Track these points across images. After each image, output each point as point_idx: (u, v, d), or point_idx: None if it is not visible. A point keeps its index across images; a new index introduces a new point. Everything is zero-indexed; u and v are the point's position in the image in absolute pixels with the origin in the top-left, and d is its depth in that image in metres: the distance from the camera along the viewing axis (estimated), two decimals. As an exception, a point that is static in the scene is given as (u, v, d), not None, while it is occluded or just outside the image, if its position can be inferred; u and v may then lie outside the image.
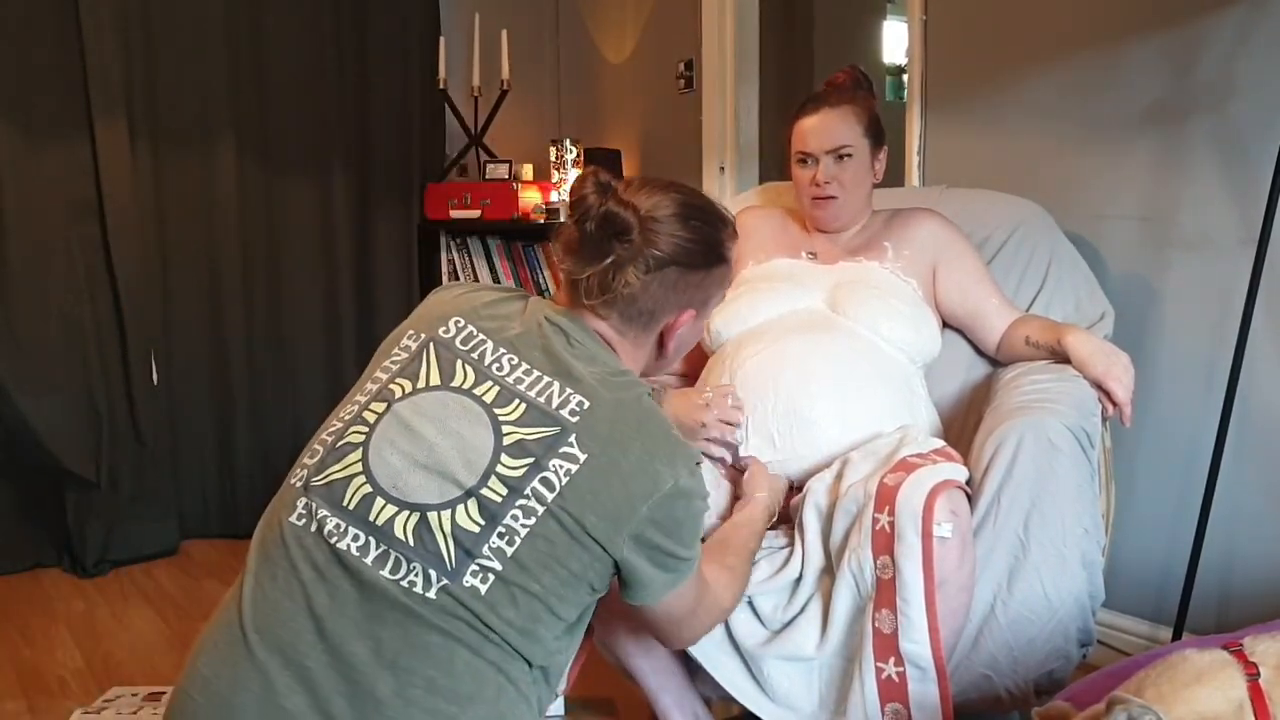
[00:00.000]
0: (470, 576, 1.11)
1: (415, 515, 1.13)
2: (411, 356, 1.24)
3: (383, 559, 1.11)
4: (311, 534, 1.14)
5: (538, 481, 1.13)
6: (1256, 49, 1.99)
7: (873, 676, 1.52)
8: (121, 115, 3.01)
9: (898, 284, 1.94)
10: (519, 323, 1.26)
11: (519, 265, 3.61)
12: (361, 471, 1.16)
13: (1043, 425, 1.61)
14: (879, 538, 1.53)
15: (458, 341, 1.24)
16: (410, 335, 1.27)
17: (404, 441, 1.17)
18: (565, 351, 1.23)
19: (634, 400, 1.21)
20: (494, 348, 1.23)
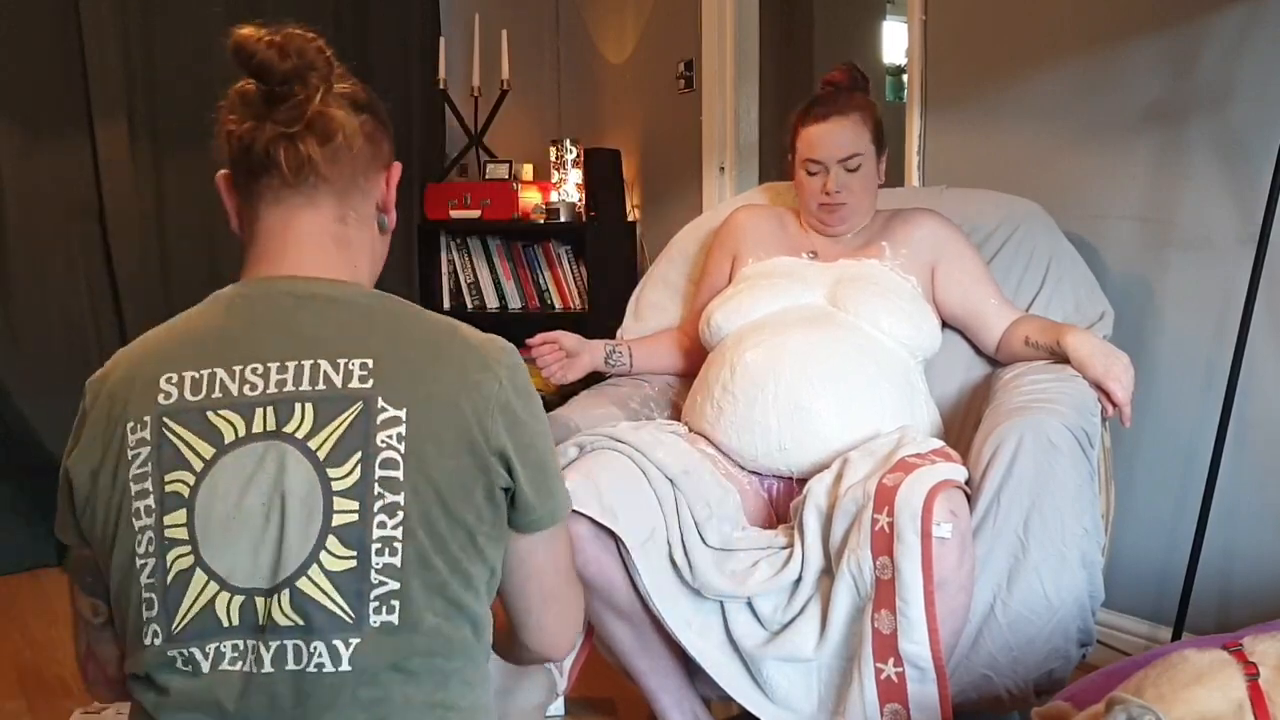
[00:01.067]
0: (374, 615, 0.97)
1: (286, 591, 0.96)
2: (154, 449, 1.01)
3: (282, 655, 0.96)
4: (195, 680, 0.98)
5: (379, 467, 0.99)
6: (1256, 49, 1.99)
7: (872, 677, 1.52)
8: (121, 115, 3.02)
9: (897, 280, 1.94)
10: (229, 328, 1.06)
11: (519, 265, 3.61)
12: (219, 589, 0.98)
13: (1042, 425, 1.61)
14: (878, 538, 1.53)
15: (186, 396, 1.01)
16: (131, 429, 1.01)
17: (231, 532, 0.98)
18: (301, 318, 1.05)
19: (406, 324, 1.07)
20: (228, 373, 1.02)
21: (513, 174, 3.56)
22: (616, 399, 2.04)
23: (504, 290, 3.61)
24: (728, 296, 2.00)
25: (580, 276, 3.54)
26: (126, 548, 1.00)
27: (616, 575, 1.65)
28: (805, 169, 1.98)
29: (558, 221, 3.46)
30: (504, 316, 3.55)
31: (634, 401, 2.05)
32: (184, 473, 0.99)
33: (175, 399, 1.01)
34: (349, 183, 1.13)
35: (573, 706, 2.03)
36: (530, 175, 3.65)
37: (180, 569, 0.98)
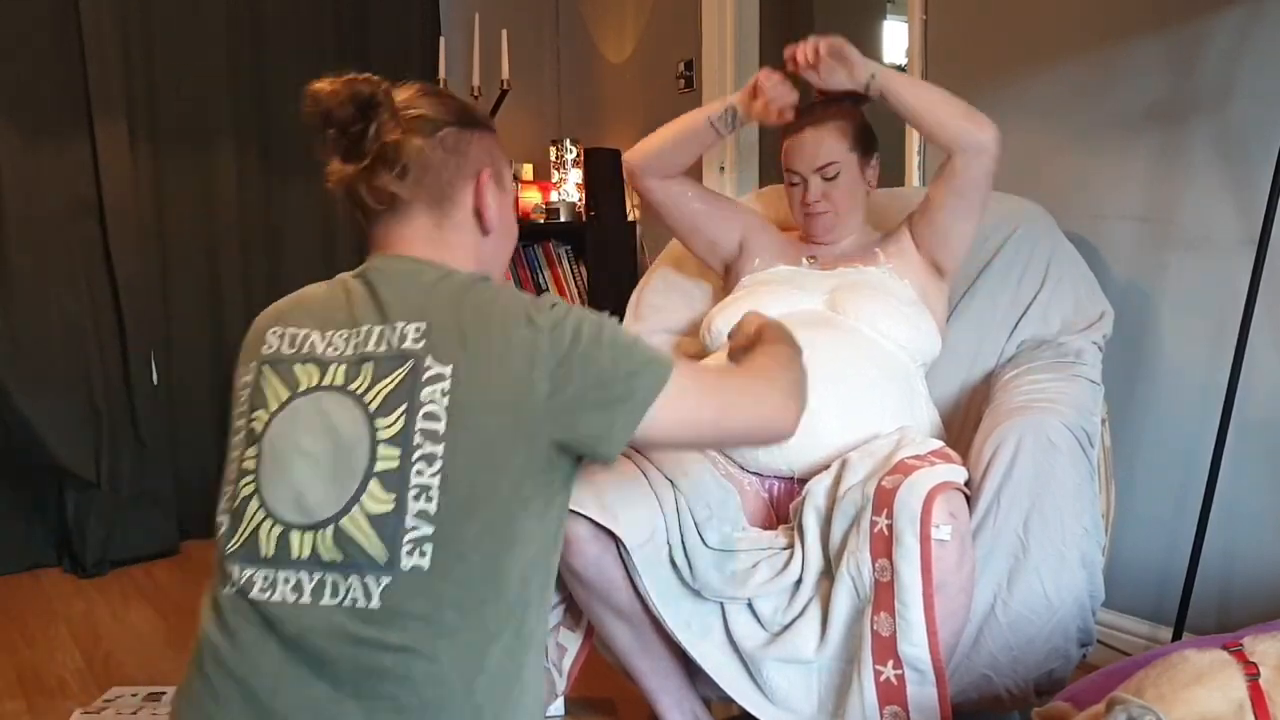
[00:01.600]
0: (406, 558, 1.05)
1: (330, 528, 1.07)
2: (253, 388, 1.19)
3: (319, 589, 1.07)
4: (245, 601, 1.10)
5: (421, 420, 1.08)
6: (1256, 49, 1.99)
7: (871, 679, 1.52)
8: (121, 115, 3.01)
9: (895, 285, 1.95)
10: (329, 297, 1.24)
11: (519, 265, 3.61)
12: (266, 517, 1.11)
13: (1042, 425, 1.61)
14: (877, 540, 1.53)
15: (284, 349, 1.19)
16: (243, 371, 1.22)
17: (288, 468, 1.12)
18: (381, 291, 1.19)
19: (463, 291, 1.17)
20: (321, 335, 1.19)
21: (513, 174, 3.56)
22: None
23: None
24: (727, 303, 2.00)
25: (580, 276, 3.54)
26: (228, 466, 1.20)
27: (617, 576, 1.65)
28: (788, 181, 2.01)
29: (558, 221, 3.46)
30: (504, 316, 3.54)
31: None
32: (262, 411, 1.16)
33: (274, 350, 1.20)
34: (436, 196, 1.25)
35: (573, 706, 2.03)
36: (530, 175, 3.65)
37: (245, 495, 1.14)
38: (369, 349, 1.14)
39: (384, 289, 1.19)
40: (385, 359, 1.13)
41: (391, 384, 1.11)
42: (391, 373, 1.11)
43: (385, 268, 1.22)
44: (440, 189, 1.24)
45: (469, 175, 1.26)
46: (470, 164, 1.26)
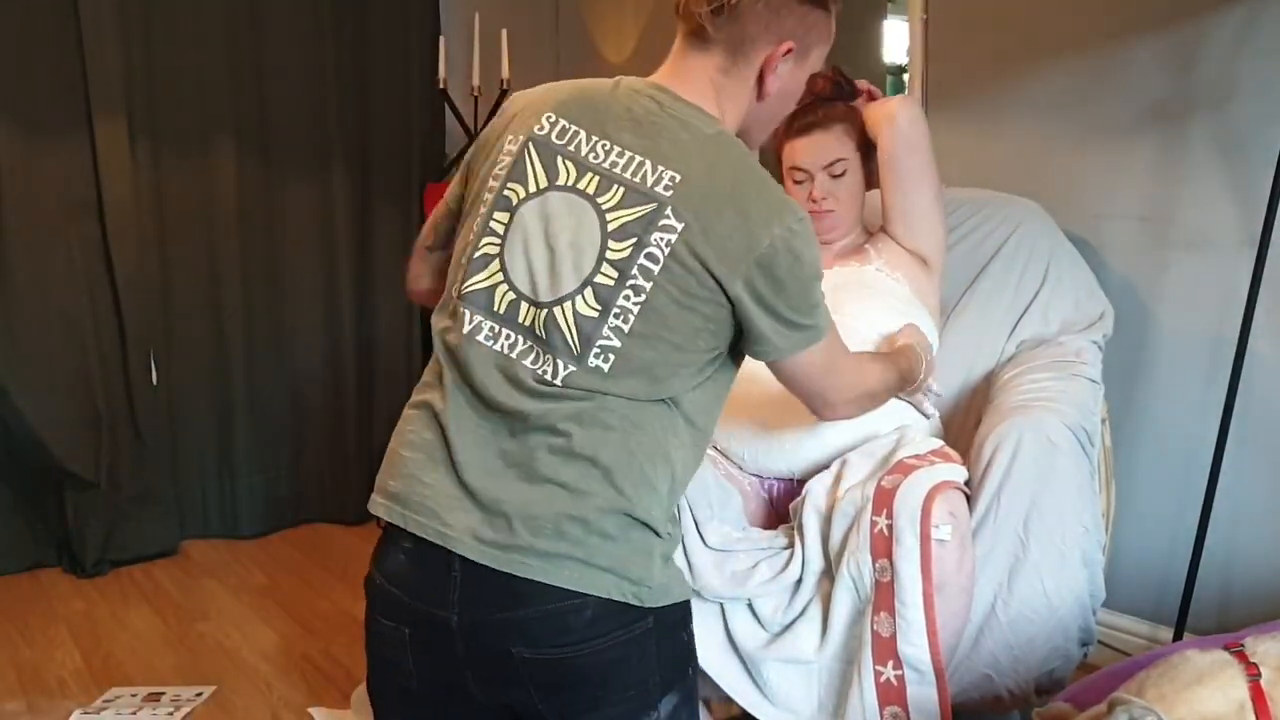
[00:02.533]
0: (593, 358, 1.19)
1: (544, 312, 1.21)
2: (515, 159, 1.28)
3: (527, 353, 1.21)
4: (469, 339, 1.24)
5: (643, 258, 1.20)
6: (1256, 49, 1.99)
7: (871, 679, 1.52)
8: (121, 115, 3.01)
9: (890, 283, 1.95)
10: (608, 105, 1.29)
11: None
12: (503, 280, 1.24)
13: (1042, 424, 1.61)
14: (877, 541, 1.53)
15: (553, 137, 1.28)
16: (509, 139, 1.31)
17: (530, 246, 1.24)
18: (657, 122, 1.26)
19: (727, 162, 1.25)
20: (587, 138, 1.27)
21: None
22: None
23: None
24: None
25: (580, 276, 3.53)
26: (468, 214, 1.31)
27: (616, 575, 1.65)
28: (792, 178, 2.00)
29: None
30: (504, 316, 3.54)
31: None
32: (519, 186, 1.26)
33: (545, 133, 1.28)
34: (738, 44, 1.28)
35: (573, 707, 2.02)
36: (530, 175, 3.64)
37: (485, 253, 1.26)
38: (626, 175, 1.23)
39: (661, 125, 1.25)
40: (635, 191, 1.22)
41: (632, 216, 1.21)
42: (636, 205, 1.21)
43: (667, 104, 1.27)
44: (743, 39, 1.27)
45: (773, 39, 1.28)
46: (782, 29, 1.28)
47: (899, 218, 1.97)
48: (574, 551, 1.16)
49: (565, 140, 1.27)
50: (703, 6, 1.26)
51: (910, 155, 1.93)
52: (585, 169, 1.25)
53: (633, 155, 1.24)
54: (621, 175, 1.24)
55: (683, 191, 1.21)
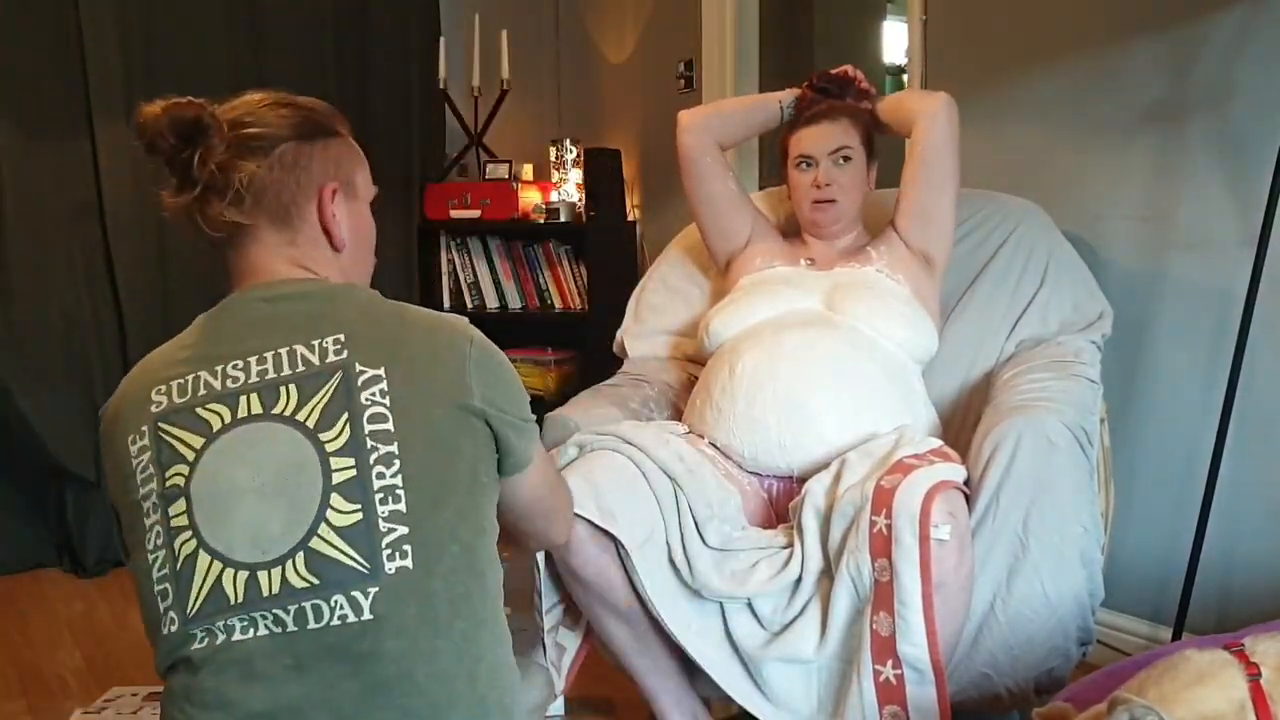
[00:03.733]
0: (389, 562, 1.01)
1: (299, 554, 1.01)
2: (153, 450, 1.07)
3: (302, 617, 1.00)
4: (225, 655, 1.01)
5: (366, 423, 1.04)
6: (1256, 49, 1.99)
7: (871, 679, 1.52)
8: (121, 115, 3.01)
9: (891, 284, 1.96)
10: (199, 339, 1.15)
11: (519, 265, 3.61)
12: (225, 566, 1.02)
13: (1041, 423, 1.61)
14: (876, 540, 1.53)
15: (175, 399, 1.08)
16: (131, 441, 1.09)
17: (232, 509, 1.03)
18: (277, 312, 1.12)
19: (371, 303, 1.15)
20: (211, 374, 1.09)
21: (513, 174, 3.56)
22: (616, 399, 2.04)
23: (504, 290, 3.61)
24: (725, 304, 2.01)
25: (580, 276, 3.54)
26: (142, 547, 1.06)
27: (615, 576, 1.65)
28: (796, 167, 2.01)
29: (558, 221, 3.46)
30: (504, 316, 3.55)
31: (634, 402, 2.05)
32: (180, 465, 1.05)
33: (165, 405, 1.08)
34: (280, 215, 1.16)
35: (572, 706, 2.03)
36: (530, 175, 3.65)
37: (186, 554, 1.03)
38: (283, 373, 1.07)
39: (279, 311, 1.12)
40: (308, 376, 1.06)
41: (325, 397, 1.05)
42: (321, 387, 1.06)
43: (268, 294, 1.14)
44: (282, 209, 1.16)
45: (311, 192, 1.18)
46: (313, 180, 1.18)
47: (918, 214, 1.98)
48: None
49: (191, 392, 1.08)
50: (221, 206, 1.14)
51: (947, 155, 1.96)
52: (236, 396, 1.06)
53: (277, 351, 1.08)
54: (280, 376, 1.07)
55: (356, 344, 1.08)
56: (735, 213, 2.13)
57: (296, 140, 1.17)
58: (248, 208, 1.14)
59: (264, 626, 1.01)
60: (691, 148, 2.11)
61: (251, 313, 1.14)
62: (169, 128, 1.14)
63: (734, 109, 2.27)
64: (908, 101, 2.07)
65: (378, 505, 1.03)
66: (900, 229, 2.00)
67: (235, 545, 1.02)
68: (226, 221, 1.15)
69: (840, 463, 1.67)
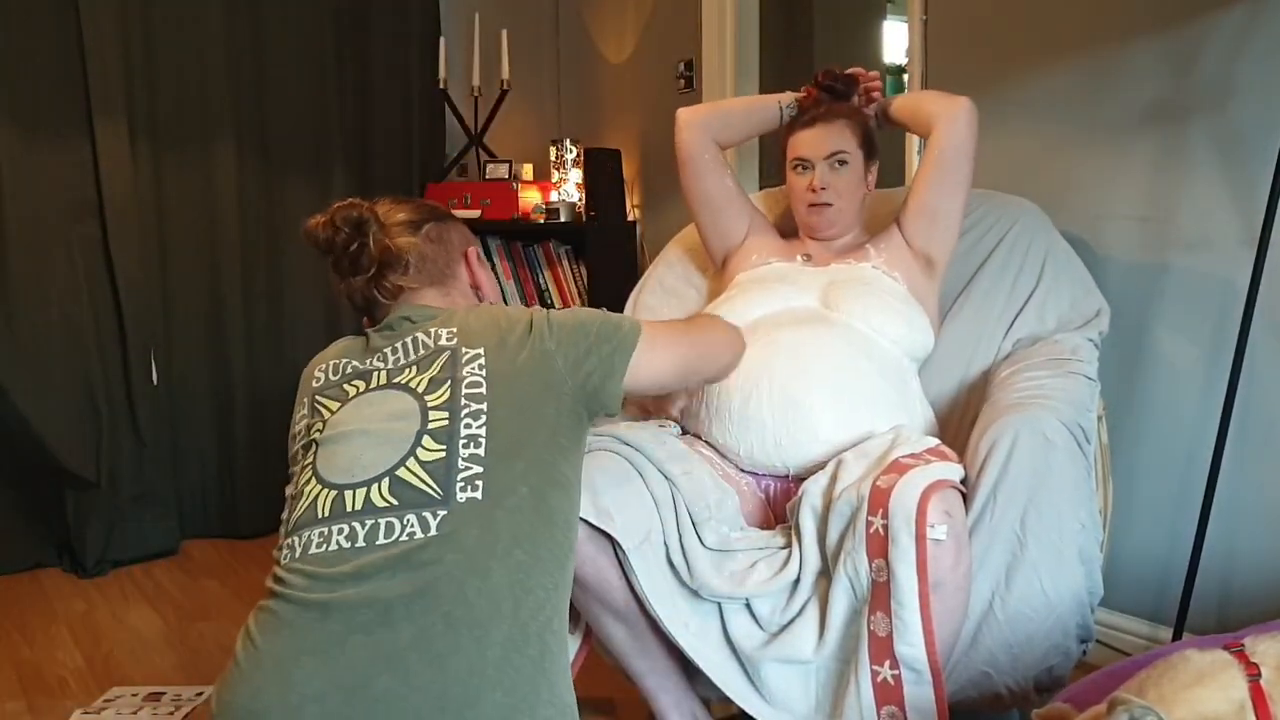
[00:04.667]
0: (460, 493, 1.21)
1: (385, 480, 1.22)
2: (308, 416, 1.40)
3: (374, 533, 1.19)
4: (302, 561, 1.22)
5: (465, 389, 1.29)
6: (1256, 49, 1.99)
7: (868, 679, 1.52)
8: (121, 115, 3.01)
9: (888, 281, 1.96)
10: (362, 339, 1.47)
11: (519, 265, 3.60)
12: (320, 488, 1.27)
13: (1038, 421, 1.61)
14: (873, 541, 1.52)
15: (330, 376, 1.42)
16: (297, 411, 1.45)
17: (341, 447, 1.29)
18: (409, 320, 1.44)
19: (479, 309, 1.47)
20: (360, 360, 1.41)
21: (513, 174, 3.56)
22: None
23: (504, 290, 3.61)
24: (721, 300, 2.01)
25: (580, 276, 3.54)
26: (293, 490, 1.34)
27: (613, 576, 1.65)
28: (794, 169, 2.02)
29: (558, 221, 3.46)
30: (504, 316, 3.54)
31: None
32: (319, 423, 1.36)
33: (322, 381, 1.43)
34: (439, 277, 1.51)
35: (572, 706, 2.02)
36: (530, 175, 3.65)
37: (304, 481, 1.30)
38: (409, 358, 1.36)
39: (410, 319, 1.44)
40: (424, 358, 1.35)
41: (435, 369, 1.32)
42: (433, 362, 1.33)
43: (408, 313, 1.45)
44: (440, 271, 1.50)
45: (458, 256, 1.54)
46: (457, 246, 1.54)
47: (927, 215, 1.98)
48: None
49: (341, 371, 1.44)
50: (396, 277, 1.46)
51: (964, 159, 1.96)
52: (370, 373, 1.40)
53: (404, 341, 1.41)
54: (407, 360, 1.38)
55: (464, 334, 1.38)
56: (732, 210, 2.13)
57: (435, 220, 1.53)
58: (413, 274, 1.47)
59: (335, 541, 1.20)
60: (690, 145, 2.12)
61: (400, 328, 1.44)
62: (343, 225, 1.44)
63: (734, 108, 2.27)
64: (927, 103, 2.05)
65: (460, 449, 1.24)
66: (905, 228, 2.00)
67: (335, 472, 1.26)
68: (398, 287, 1.46)
69: (836, 463, 1.67)
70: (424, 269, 1.48)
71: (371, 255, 1.43)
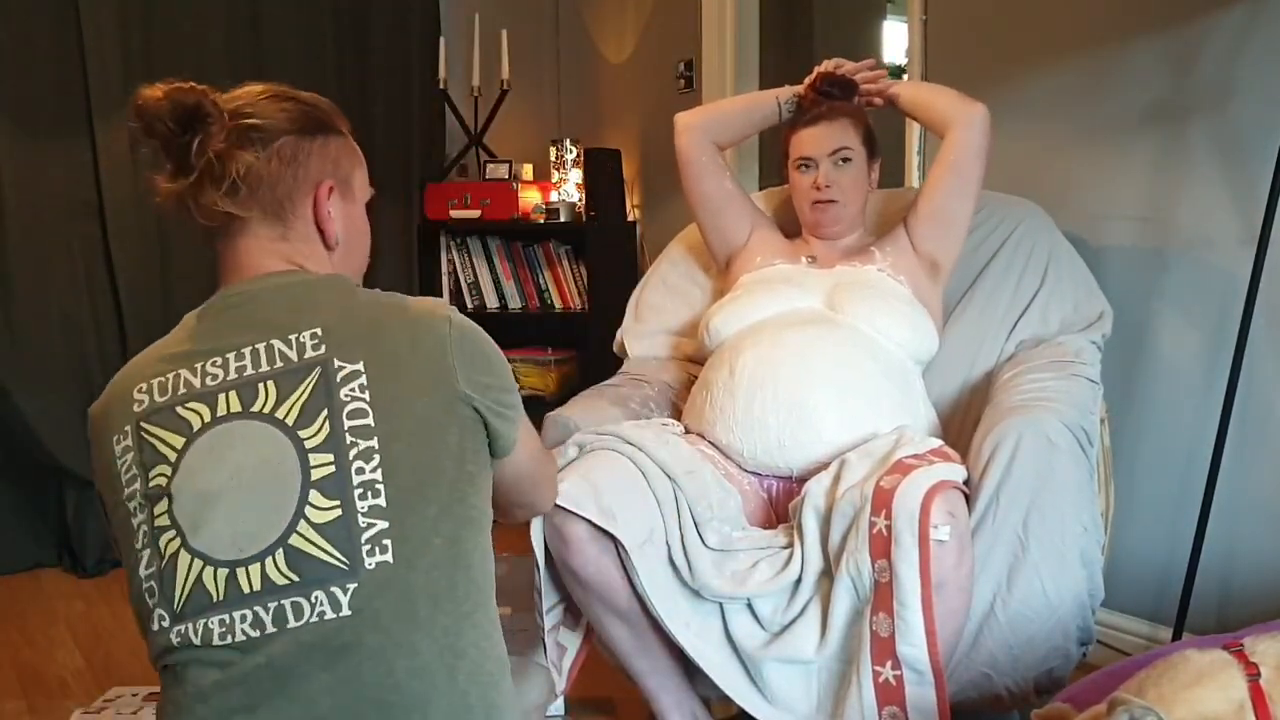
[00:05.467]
0: (368, 558, 1.00)
1: (278, 552, 1.01)
2: (136, 450, 1.07)
3: (281, 615, 1.00)
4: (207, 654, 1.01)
5: (346, 419, 1.03)
6: (1256, 49, 1.99)
7: (870, 679, 1.52)
8: (122, 115, 3.01)
9: (892, 284, 1.96)
10: (182, 339, 1.15)
11: (519, 265, 3.61)
12: (205, 564, 1.01)
13: (1041, 423, 1.61)
14: (876, 541, 1.52)
15: (156, 399, 1.08)
16: (116, 441, 1.10)
17: (213, 508, 1.03)
18: (253, 311, 1.11)
19: (349, 294, 1.14)
20: (192, 372, 1.08)
21: (513, 174, 3.56)
22: (616, 399, 2.04)
23: (504, 290, 3.61)
24: (726, 301, 2.01)
25: (580, 276, 3.54)
26: (131, 546, 1.07)
27: (615, 576, 1.65)
28: (797, 168, 2.02)
29: (558, 221, 3.46)
30: (504, 316, 3.55)
31: (634, 402, 2.05)
32: (162, 466, 1.05)
33: (147, 404, 1.09)
34: (274, 209, 1.15)
35: (573, 706, 2.03)
36: (530, 175, 3.65)
37: (170, 552, 1.03)
38: (260, 369, 1.07)
39: (259, 306, 1.12)
40: (286, 373, 1.06)
41: (304, 393, 1.05)
42: (300, 384, 1.05)
43: (249, 289, 1.14)
44: (277, 202, 1.15)
45: (308, 188, 1.17)
46: (310, 175, 1.17)
47: (937, 218, 1.98)
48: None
49: (171, 391, 1.08)
50: (216, 195, 1.12)
51: (978, 165, 1.97)
52: (215, 394, 1.06)
53: (254, 346, 1.08)
54: (259, 372, 1.06)
55: (334, 338, 1.07)
56: (734, 211, 2.13)
57: (296, 135, 1.16)
58: (242, 199, 1.13)
59: (241, 631, 1.00)
60: (689, 148, 2.12)
61: (232, 309, 1.14)
62: (169, 112, 1.12)
63: (731, 108, 2.27)
64: (942, 103, 2.02)
65: (357, 501, 1.02)
66: (913, 231, 2.00)
67: (216, 544, 1.02)
68: (220, 211, 1.14)
69: (840, 463, 1.67)
70: (257, 194, 1.13)
71: (194, 160, 1.12)
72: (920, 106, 2.07)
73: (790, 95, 2.12)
